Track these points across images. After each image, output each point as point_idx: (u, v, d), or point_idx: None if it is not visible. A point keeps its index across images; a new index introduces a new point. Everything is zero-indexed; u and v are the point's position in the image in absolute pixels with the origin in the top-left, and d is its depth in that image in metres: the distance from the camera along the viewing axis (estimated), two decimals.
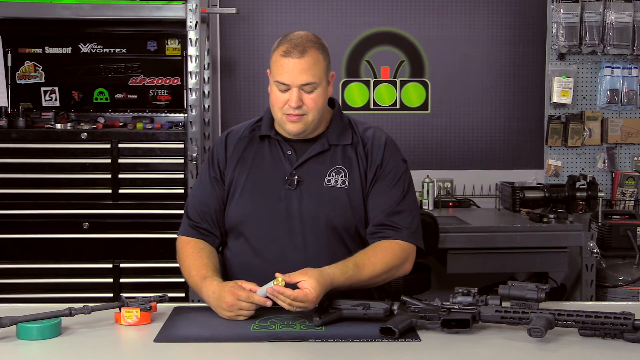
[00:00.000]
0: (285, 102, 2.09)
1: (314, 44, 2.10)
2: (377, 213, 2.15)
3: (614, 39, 4.14)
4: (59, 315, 1.82)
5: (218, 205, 2.21)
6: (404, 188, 2.19)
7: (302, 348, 1.73)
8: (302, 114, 2.10)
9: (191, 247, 2.18)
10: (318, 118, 2.14)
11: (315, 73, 2.08)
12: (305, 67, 2.07)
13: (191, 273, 2.11)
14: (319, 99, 2.11)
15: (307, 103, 2.09)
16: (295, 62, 2.06)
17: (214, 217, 2.21)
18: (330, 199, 2.14)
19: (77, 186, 3.64)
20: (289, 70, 2.07)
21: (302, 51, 2.07)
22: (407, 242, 2.13)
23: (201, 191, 2.25)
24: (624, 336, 1.73)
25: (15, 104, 3.88)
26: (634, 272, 3.72)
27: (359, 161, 2.18)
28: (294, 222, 2.13)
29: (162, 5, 3.65)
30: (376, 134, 2.23)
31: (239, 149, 2.23)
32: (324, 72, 2.12)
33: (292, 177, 2.15)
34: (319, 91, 2.10)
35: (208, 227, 2.20)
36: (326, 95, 2.16)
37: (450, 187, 4.21)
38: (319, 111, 2.13)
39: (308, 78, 2.07)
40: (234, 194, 2.19)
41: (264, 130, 2.22)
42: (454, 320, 1.80)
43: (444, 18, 4.24)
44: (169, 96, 4.01)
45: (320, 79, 2.09)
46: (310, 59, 2.07)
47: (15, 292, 3.62)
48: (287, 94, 2.09)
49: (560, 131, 4.24)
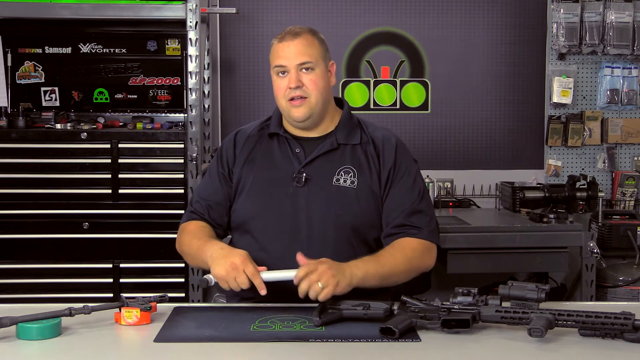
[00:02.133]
0: (286, 88, 2.13)
1: (308, 30, 2.18)
2: (397, 215, 2.16)
3: (614, 39, 4.14)
4: (59, 315, 1.82)
5: (224, 202, 2.23)
6: (420, 188, 2.21)
7: (302, 348, 1.73)
8: (304, 96, 2.13)
9: (192, 225, 2.21)
10: (321, 102, 2.16)
11: (311, 53, 2.14)
12: (300, 48, 2.13)
13: (192, 241, 2.13)
14: (318, 81, 2.14)
15: (306, 84, 2.13)
16: (290, 43, 2.13)
17: (218, 212, 2.23)
18: (339, 198, 2.15)
19: (77, 186, 3.64)
20: (284, 52, 2.13)
21: (296, 34, 2.14)
22: (427, 240, 2.16)
23: (208, 186, 2.27)
24: (624, 336, 1.73)
25: (15, 104, 3.88)
26: (634, 272, 3.72)
27: (370, 162, 2.19)
28: (301, 220, 2.13)
29: (162, 5, 3.65)
30: (386, 135, 2.25)
31: (247, 147, 2.24)
32: (321, 56, 2.16)
33: (300, 175, 2.16)
34: (318, 72, 2.14)
35: (210, 219, 2.22)
36: (327, 80, 2.18)
37: (450, 187, 4.21)
38: (321, 93, 2.15)
39: (304, 57, 2.12)
40: (242, 191, 2.21)
41: (272, 128, 2.24)
42: (454, 320, 1.80)
43: (444, 18, 4.24)
44: (169, 96, 4.01)
45: (316, 60, 2.14)
46: (304, 40, 2.14)
47: (15, 292, 3.62)
48: (287, 78, 2.13)
49: (561, 131, 4.25)
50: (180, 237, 2.23)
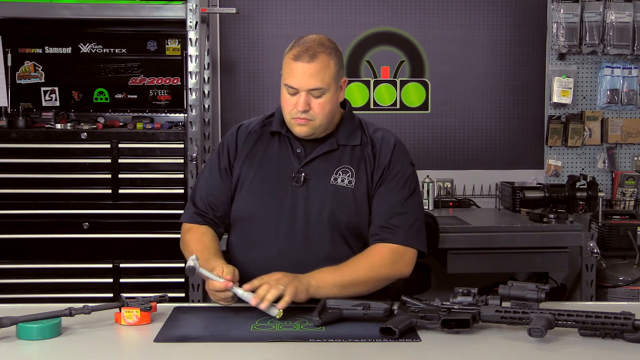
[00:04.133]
0: (293, 106, 2.11)
1: (326, 48, 2.11)
2: (379, 215, 2.17)
3: (614, 39, 4.14)
4: (59, 315, 1.82)
5: (225, 197, 2.23)
6: (409, 191, 2.20)
7: (302, 348, 1.73)
8: (309, 119, 2.12)
9: (194, 232, 2.21)
10: (326, 123, 2.16)
11: (324, 78, 2.08)
12: (314, 72, 2.07)
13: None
14: (326, 105, 2.11)
15: (314, 108, 2.10)
16: (305, 66, 2.07)
17: (220, 208, 2.23)
18: (336, 198, 2.15)
19: (77, 186, 3.64)
20: (297, 74, 2.08)
21: (312, 56, 2.07)
22: (403, 245, 2.13)
23: (209, 181, 2.26)
24: (624, 336, 1.73)
25: (15, 104, 3.88)
26: (634, 272, 3.72)
27: (367, 162, 2.19)
28: (298, 219, 2.14)
29: (162, 5, 3.65)
30: (385, 136, 2.25)
31: (249, 143, 2.25)
32: (334, 78, 2.12)
33: (299, 175, 2.16)
34: (328, 97, 2.11)
35: (214, 217, 2.23)
36: (335, 101, 2.16)
37: (450, 187, 4.21)
38: (327, 117, 2.14)
39: (316, 83, 2.08)
40: (242, 188, 2.21)
41: (275, 126, 2.24)
42: (454, 320, 1.80)
43: (444, 18, 4.24)
44: (169, 96, 4.01)
45: (329, 84, 2.10)
46: (319, 64, 2.08)
47: (15, 292, 3.62)
48: (296, 98, 2.10)
49: (561, 131, 4.24)
50: (183, 241, 2.23)
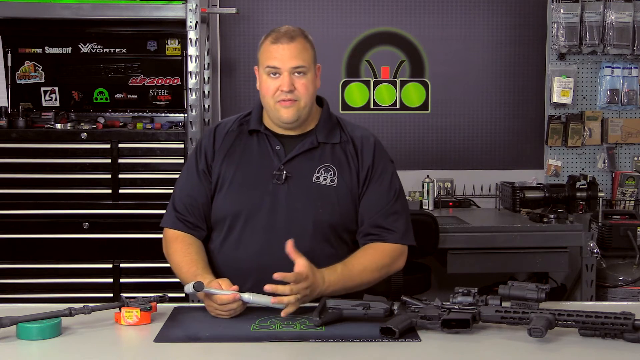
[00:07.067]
0: (276, 89, 2.14)
1: (301, 34, 2.18)
2: (373, 214, 2.18)
3: (614, 39, 4.14)
4: (59, 315, 1.82)
5: (205, 199, 2.22)
6: (396, 189, 2.24)
7: (302, 348, 1.73)
8: (294, 99, 2.14)
9: (180, 242, 2.19)
10: (309, 106, 2.18)
11: (305, 58, 2.15)
12: (295, 52, 2.13)
13: (182, 270, 2.13)
14: (309, 85, 2.16)
15: (298, 88, 2.14)
16: (285, 47, 2.13)
17: (200, 210, 2.21)
18: (319, 196, 2.16)
19: (77, 186, 3.64)
20: (279, 55, 2.14)
21: (291, 37, 2.14)
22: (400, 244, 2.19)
23: (188, 183, 2.25)
24: (624, 336, 1.72)
25: (15, 104, 3.88)
26: (634, 272, 3.72)
27: (350, 161, 2.20)
28: (280, 217, 2.14)
29: (162, 5, 3.65)
30: (364, 134, 2.27)
31: (227, 143, 2.24)
32: (312, 61, 2.18)
33: (281, 172, 2.16)
34: (309, 77, 2.16)
35: (195, 220, 2.21)
36: (315, 85, 2.20)
37: (450, 187, 4.21)
38: (310, 98, 2.17)
39: (298, 62, 2.13)
40: (222, 188, 2.20)
41: (253, 124, 2.25)
42: (454, 320, 1.80)
43: (444, 18, 4.24)
44: (169, 96, 4.01)
45: (309, 64, 2.16)
46: (299, 45, 2.15)
47: (15, 292, 3.62)
48: (279, 80, 2.14)
49: (561, 131, 4.25)
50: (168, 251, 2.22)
